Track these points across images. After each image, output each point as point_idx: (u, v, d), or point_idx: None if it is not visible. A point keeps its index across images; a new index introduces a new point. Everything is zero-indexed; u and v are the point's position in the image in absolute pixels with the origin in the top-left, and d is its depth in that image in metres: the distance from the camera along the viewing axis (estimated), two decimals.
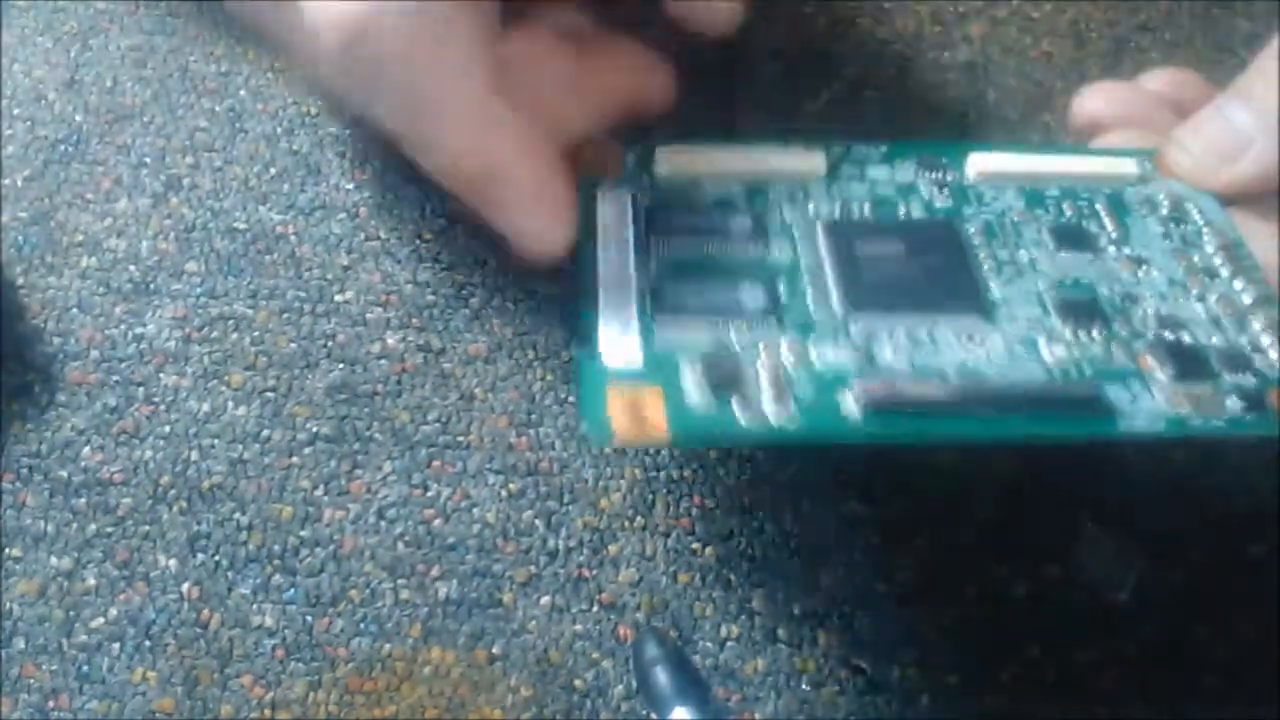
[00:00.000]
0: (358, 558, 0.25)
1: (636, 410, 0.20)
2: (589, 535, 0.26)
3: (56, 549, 0.25)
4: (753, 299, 0.22)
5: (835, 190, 0.25)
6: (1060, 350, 0.22)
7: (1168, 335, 0.23)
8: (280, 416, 0.27)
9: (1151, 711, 0.24)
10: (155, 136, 0.31)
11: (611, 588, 0.25)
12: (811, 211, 0.25)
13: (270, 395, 0.27)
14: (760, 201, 0.25)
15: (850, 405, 0.21)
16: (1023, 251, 0.24)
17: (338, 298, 0.28)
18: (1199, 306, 0.23)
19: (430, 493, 0.26)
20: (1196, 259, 0.24)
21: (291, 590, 0.25)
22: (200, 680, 0.24)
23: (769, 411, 0.21)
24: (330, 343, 0.28)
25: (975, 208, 0.25)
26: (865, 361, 0.22)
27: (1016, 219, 0.25)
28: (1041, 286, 0.23)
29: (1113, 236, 0.25)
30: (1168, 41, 0.34)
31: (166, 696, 0.24)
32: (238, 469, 0.26)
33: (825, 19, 0.33)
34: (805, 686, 0.24)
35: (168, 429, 0.26)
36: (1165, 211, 0.25)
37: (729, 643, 0.25)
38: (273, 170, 0.30)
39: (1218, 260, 0.24)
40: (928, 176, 0.25)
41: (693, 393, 0.21)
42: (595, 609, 0.25)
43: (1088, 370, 0.22)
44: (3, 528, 0.25)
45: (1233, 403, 0.21)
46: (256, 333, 0.28)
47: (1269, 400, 0.21)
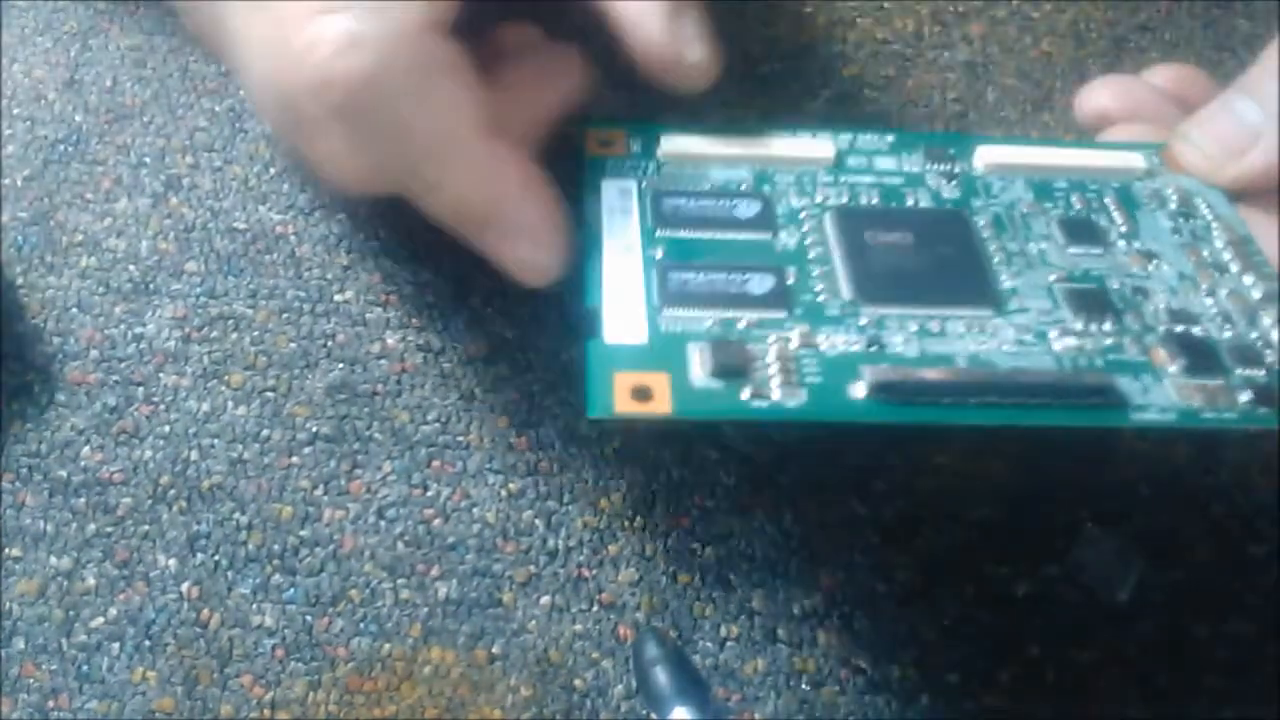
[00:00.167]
0: (358, 558, 0.25)
1: (640, 388, 0.20)
2: (589, 535, 0.26)
3: (56, 549, 0.25)
4: (760, 286, 0.22)
5: (843, 179, 0.25)
6: (1071, 342, 0.22)
7: (1178, 329, 0.22)
8: (280, 416, 0.27)
9: (1151, 711, 0.24)
10: (155, 136, 0.31)
11: (611, 588, 0.25)
12: (820, 199, 0.25)
13: (270, 395, 0.27)
14: (767, 188, 0.25)
15: (857, 389, 0.21)
16: (1032, 244, 0.24)
17: (338, 298, 0.28)
18: (1209, 301, 0.23)
19: (430, 493, 0.26)
20: (1206, 254, 0.24)
21: (291, 590, 0.25)
22: (200, 680, 0.24)
23: (775, 392, 0.21)
24: (330, 343, 0.28)
25: (984, 199, 0.25)
26: (874, 349, 0.22)
27: (1025, 211, 0.25)
28: (1051, 279, 0.23)
29: (1122, 230, 0.24)
30: (1167, 41, 0.34)
31: (166, 696, 0.24)
32: (237, 469, 0.26)
33: (825, 19, 0.33)
34: (805, 686, 0.24)
35: (167, 429, 0.26)
36: (1174, 206, 0.25)
37: (729, 643, 0.25)
38: (273, 170, 0.30)
39: (1227, 255, 0.24)
40: (935, 168, 0.25)
41: (699, 375, 0.21)
42: (595, 609, 0.25)
43: (1098, 362, 0.22)
44: (3, 528, 0.25)
45: (1244, 396, 0.21)
46: (256, 333, 0.28)
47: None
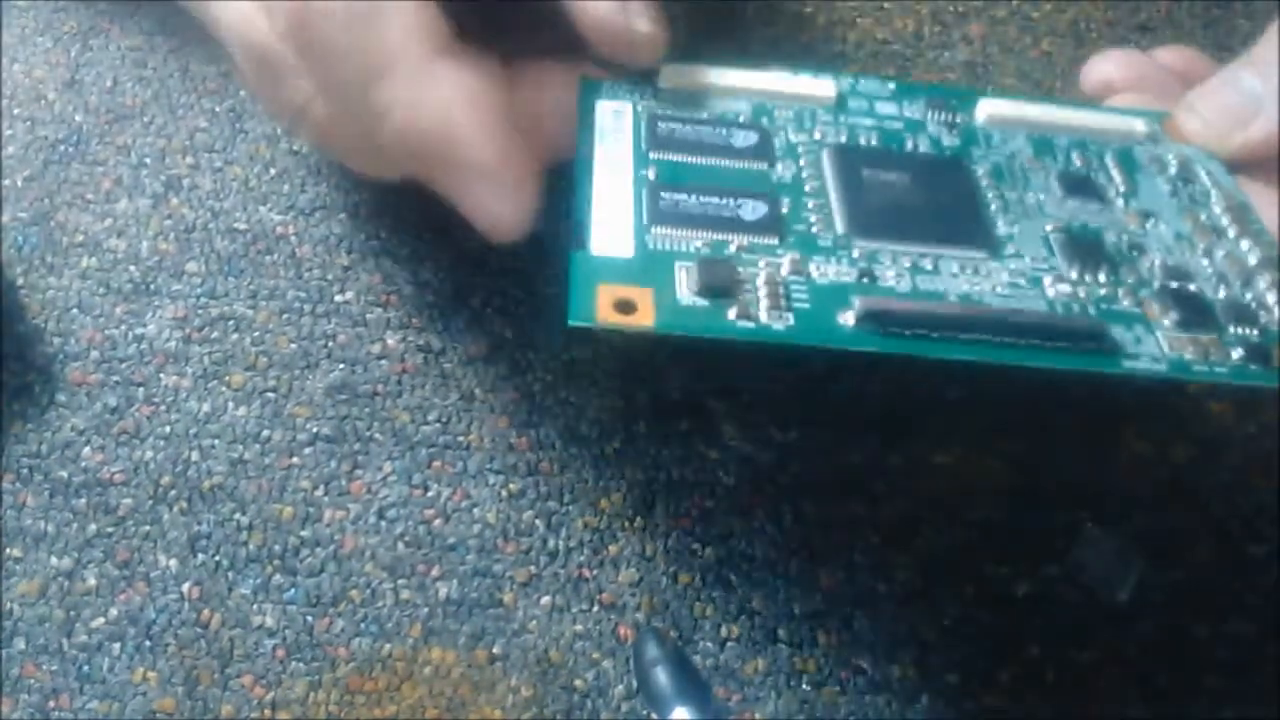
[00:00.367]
0: (358, 558, 0.25)
1: (624, 300, 0.20)
2: (589, 535, 0.26)
3: (57, 549, 0.25)
4: (753, 212, 0.22)
5: (843, 119, 0.25)
6: (1065, 288, 0.22)
7: (1174, 285, 0.22)
8: (280, 417, 0.27)
9: (1151, 711, 0.24)
10: (155, 136, 0.31)
11: (612, 588, 0.25)
12: (818, 136, 0.24)
13: (270, 395, 0.27)
14: (766, 121, 0.24)
15: (847, 317, 0.20)
16: (1030, 194, 0.24)
17: (338, 298, 0.28)
18: (1205, 261, 0.23)
19: (430, 493, 0.26)
20: (1204, 218, 0.24)
21: (292, 590, 0.25)
22: (201, 680, 0.24)
23: (762, 314, 0.20)
24: (330, 343, 0.28)
25: (984, 149, 0.25)
26: (866, 280, 0.21)
27: (1025, 164, 0.24)
28: (1048, 228, 0.23)
29: (1121, 189, 0.24)
30: (1167, 41, 0.34)
31: (167, 696, 0.24)
32: (238, 469, 0.26)
33: (825, 19, 0.33)
34: (805, 686, 0.24)
35: (168, 429, 0.26)
36: (1174, 172, 0.25)
37: (729, 643, 0.25)
38: (273, 170, 0.30)
39: (1225, 220, 0.24)
40: (937, 116, 0.25)
41: (684, 293, 0.20)
42: (595, 609, 0.25)
43: (1091, 311, 0.22)
44: (3, 528, 0.25)
45: (1238, 353, 0.21)
46: (257, 333, 0.28)
47: (1273, 355, 0.21)
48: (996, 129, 0.25)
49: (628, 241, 0.21)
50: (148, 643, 0.24)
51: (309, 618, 0.25)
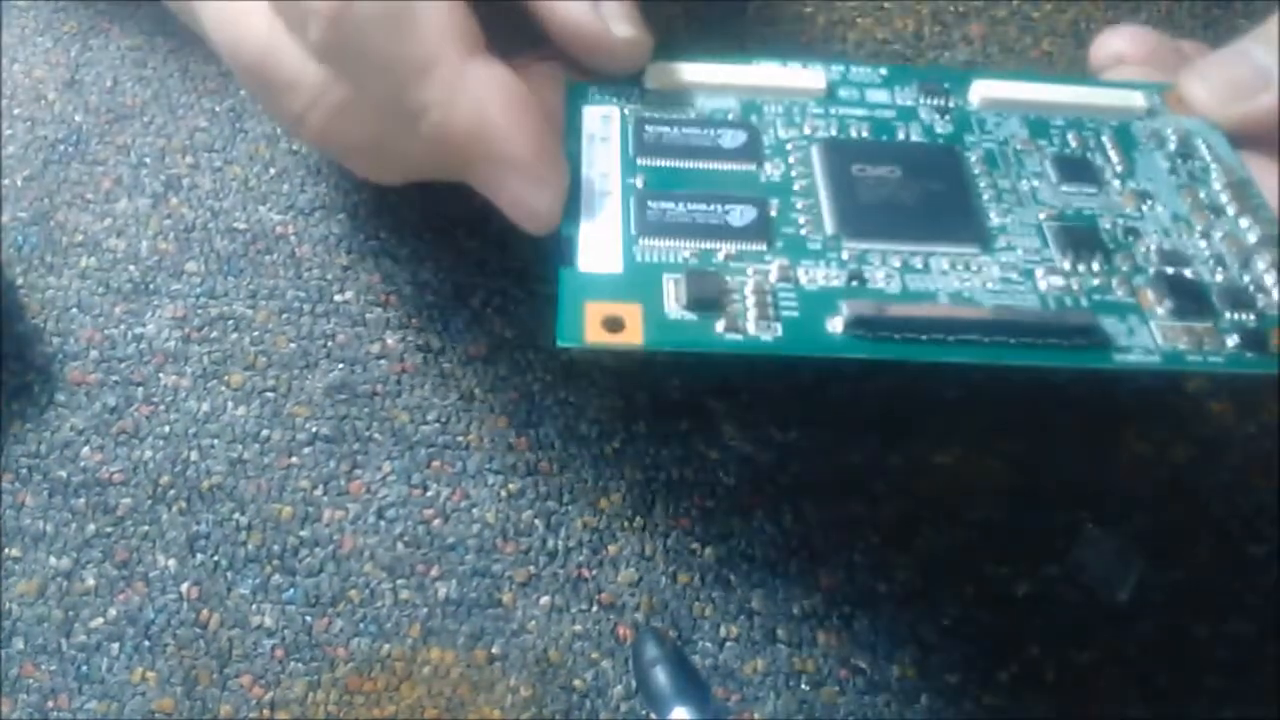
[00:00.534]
0: (357, 558, 0.25)
1: (612, 318, 0.20)
2: (589, 535, 0.26)
3: (56, 549, 0.25)
4: (741, 218, 0.22)
5: (833, 111, 0.25)
6: (1057, 281, 0.22)
7: (1169, 271, 0.22)
8: (280, 416, 0.27)
9: (1151, 711, 0.24)
10: (155, 136, 0.31)
11: (611, 588, 0.25)
12: (808, 130, 0.24)
13: (270, 395, 0.27)
14: (754, 118, 0.24)
15: (835, 323, 0.20)
16: (1024, 181, 0.24)
17: (337, 298, 0.28)
18: (1203, 243, 0.23)
19: (430, 493, 0.26)
20: (1203, 195, 0.24)
21: (291, 590, 0.25)
22: (200, 680, 0.24)
23: (750, 326, 0.20)
24: (330, 343, 0.28)
25: (977, 135, 0.24)
26: (855, 283, 0.21)
27: (1020, 147, 0.24)
28: (1042, 217, 0.23)
29: (1117, 170, 0.24)
30: None
31: (166, 696, 0.24)
32: (237, 469, 0.26)
33: (825, 19, 0.33)
34: (805, 686, 0.24)
35: (167, 429, 0.26)
36: (1173, 147, 0.25)
37: (729, 643, 0.25)
38: (273, 170, 0.30)
39: (1224, 198, 0.24)
40: (929, 102, 0.25)
41: (672, 306, 0.20)
42: (595, 609, 0.25)
43: (1084, 303, 0.21)
44: (2, 528, 0.25)
45: (1233, 340, 0.21)
46: (256, 333, 0.28)
47: (1270, 340, 0.21)
48: (990, 112, 0.25)
49: (615, 256, 0.21)
50: (146, 643, 0.24)
51: (308, 618, 0.25)
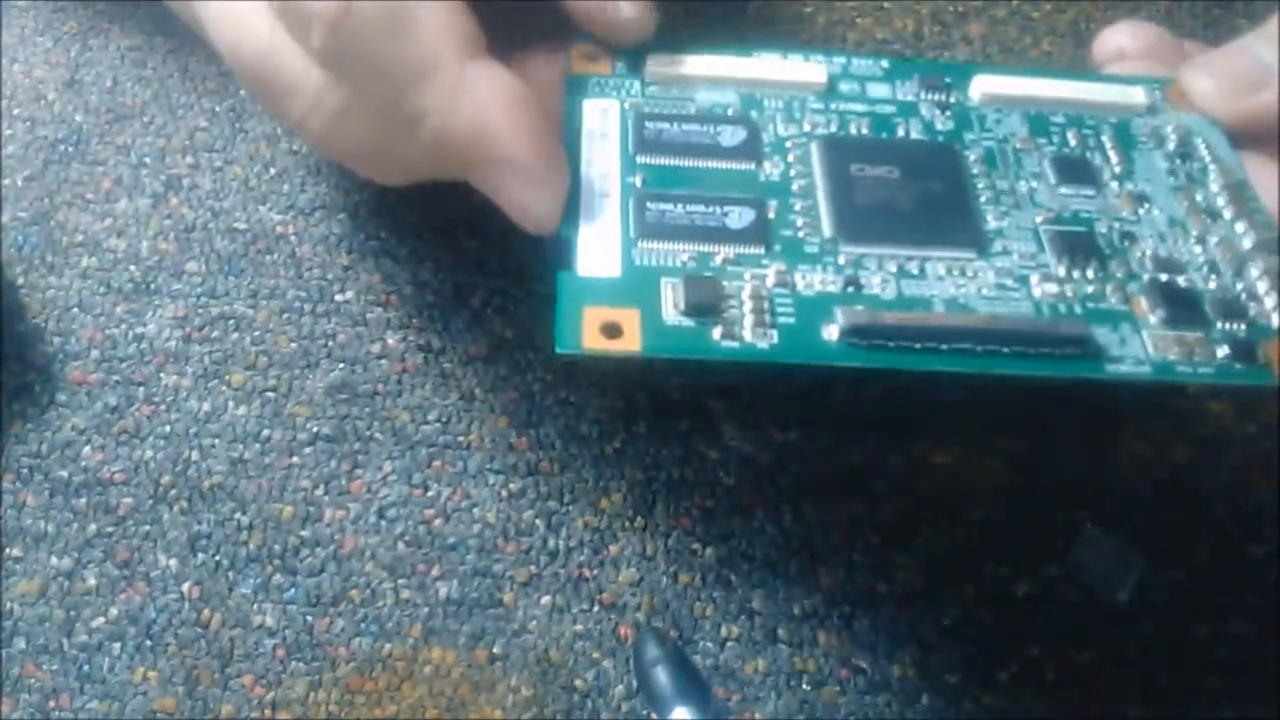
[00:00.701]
0: (358, 558, 0.25)
1: (610, 324, 0.20)
2: (589, 535, 0.26)
3: (57, 549, 0.25)
4: (740, 220, 0.22)
5: (833, 106, 0.25)
6: (1052, 288, 0.22)
7: (1163, 278, 0.22)
8: (280, 416, 0.27)
9: (1151, 711, 0.24)
10: (155, 136, 0.31)
11: (612, 588, 0.25)
12: (808, 127, 0.24)
13: (270, 395, 0.27)
14: (755, 114, 0.24)
15: (830, 331, 0.20)
16: (1022, 182, 0.24)
17: (338, 298, 0.28)
18: (1198, 249, 0.23)
19: (430, 493, 0.26)
20: (1200, 198, 0.24)
21: (292, 590, 0.25)
22: (201, 680, 0.24)
23: (747, 333, 0.20)
24: (330, 343, 0.28)
25: (977, 132, 0.24)
26: (851, 289, 0.21)
27: (1019, 146, 0.24)
28: (1039, 220, 0.23)
29: (1116, 170, 0.24)
30: None
31: (167, 696, 0.24)
32: (238, 469, 0.26)
33: (825, 19, 0.33)
34: (805, 686, 0.24)
35: (168, 429, 0.26)
36: (1172, 146, 0.25)
37: (729, 643, 0.25)
38: (273, 170, 0.30)
39: (1221, 201, 0.24)
40: (930, 97, 0.25)
41: (670, 312, 0.20)
42: (595, 609, 0.25)
43: (1078, 310, 0.21)
44: (3, 528, 0.25)
45: (1223, 351, 0.21)
46: (257, 332, 0.28)
47: (1260, 351, 0.21)
48: (991, 107, 0.25)
49: (614, 259, 0.21)
50: (148, 642, 0.24)
51: (309, 617, 0.25)
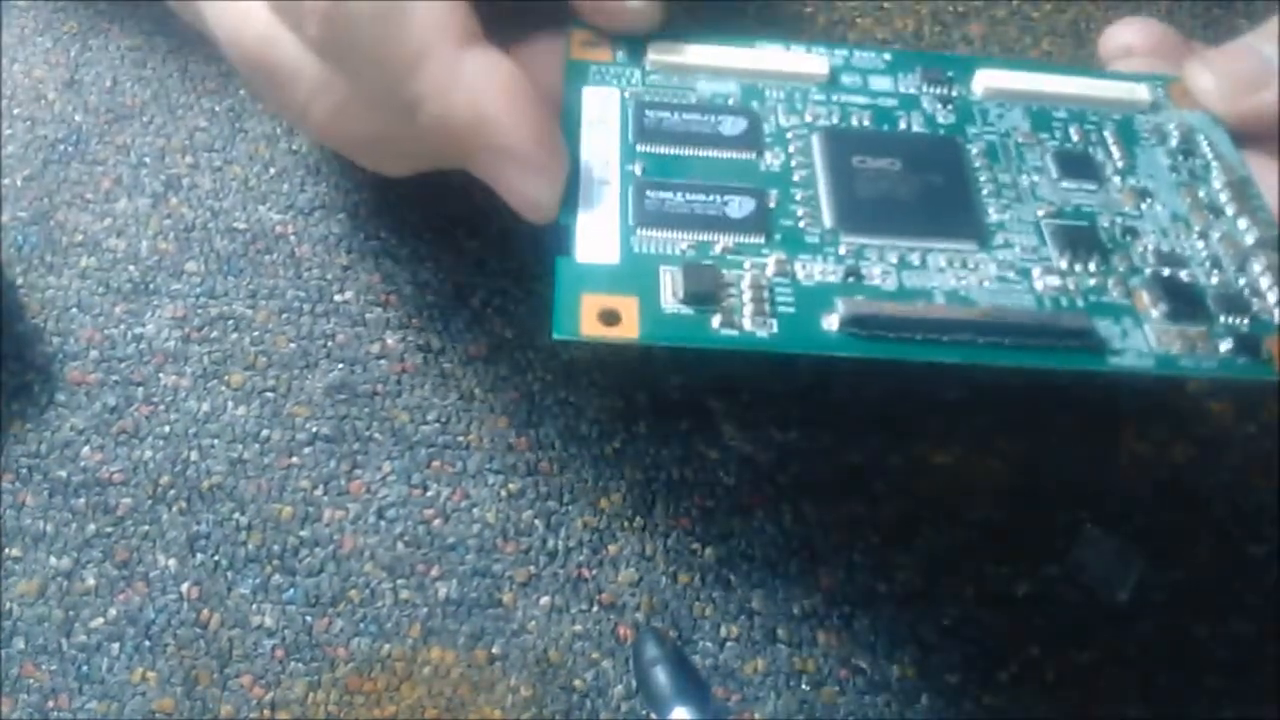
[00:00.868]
0: (357, 558, 0.25)
1: (608, 311, 0.20)
2: (589, 535, 0.26)
3: (56, 549, 0.25)
4: (740, 209, 0.22)
5: (835, 98, 0.24)
6: (1054, 280, 0.22)
7: (1165, 272, 0.22)
8: (280, 416, 0.27)
9: (1151, 711, 0.24)
10: (155, 136, 0.31)
11: (611, 588, 0.25)
12: (809, 118, 0.24)
13: (270, 395, 0.27)
14: (756, 104, 0.24)
15: (830, 321, 0.20)
16: (1024, 176, 0.23)
17: (337, 298, 0.28)
18: (1200, 244, 0.23)
19: (430, 493, 0.26)
20: (1202, 194, 0.24)
21: (291, 590, 0.25)
22: (200, 680, 0.24)
23: (746, 321, 0.20)
24: (330, 343, 0.28)
25: (979, 126, 0.24)
26: (851, 280, 0.21)
27: (1021, 140, 0.24)
28: (1040, 214, 0.23)
29: (1118, 166, 0.24)
30: None
31: (166, 696, 0.24)
32: (237, 469, 0.26)
33: (825, 19, 0.33)
34: (805, 686, 0.24)
35: (167, 429, 0.26)
36: (1175, 143, 0.25)
37: (729, 643, 0.25)
38: (272, 170, 0.30)
39: (1224, 197, 0.24)
40: (932, 91, 0.25)
41: (669, 300, 0.20)
42: (595, 609, 0.25)
43: (1080, 303, 0.21)
44: (2, 528, 0.25)
45: (1226, 345, 0.21)
46: (256, 333, 0.28)
47: (1264, 345, 0.21)
48: (994, 102, 0.25)
49: (613, 246, 0.21)
50: (147, 643, 0.24)
51: (308, 618, 0.25)
